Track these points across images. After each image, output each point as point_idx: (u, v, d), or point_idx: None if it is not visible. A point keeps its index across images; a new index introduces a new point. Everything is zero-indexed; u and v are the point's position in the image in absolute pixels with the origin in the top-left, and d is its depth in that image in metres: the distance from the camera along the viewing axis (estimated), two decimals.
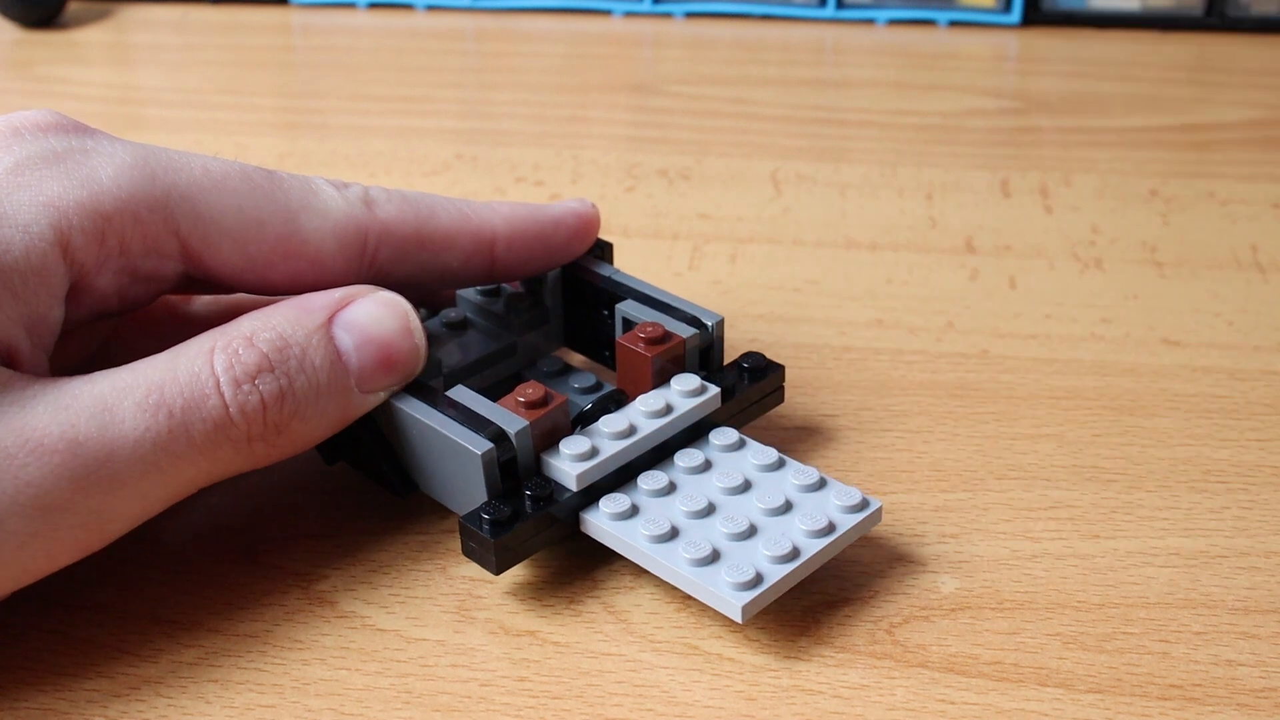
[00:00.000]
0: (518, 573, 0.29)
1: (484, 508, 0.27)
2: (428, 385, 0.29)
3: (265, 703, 0.26)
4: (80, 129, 0.28)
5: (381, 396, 0.28)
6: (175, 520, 0.31)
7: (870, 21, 0.65)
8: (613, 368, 0.32)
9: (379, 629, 0.28)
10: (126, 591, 0.29)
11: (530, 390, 0.28)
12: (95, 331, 0.30)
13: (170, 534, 0.30)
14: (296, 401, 0.27)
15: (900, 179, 0.48)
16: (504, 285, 0.34)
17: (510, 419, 0.28)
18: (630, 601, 0.28)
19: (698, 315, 0.31)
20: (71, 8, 0.69)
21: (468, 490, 0.28)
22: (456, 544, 0.30)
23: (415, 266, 0.30)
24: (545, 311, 0.34)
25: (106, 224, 0.26)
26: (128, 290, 0.28)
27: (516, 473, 0.28)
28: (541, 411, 0.28)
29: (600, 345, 0.34)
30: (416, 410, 0.28)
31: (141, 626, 0.28)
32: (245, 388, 0.26)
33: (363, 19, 0.68)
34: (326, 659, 0.27)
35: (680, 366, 0.30)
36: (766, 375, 0.31)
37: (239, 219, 0.28)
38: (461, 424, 0.28)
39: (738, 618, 0.26)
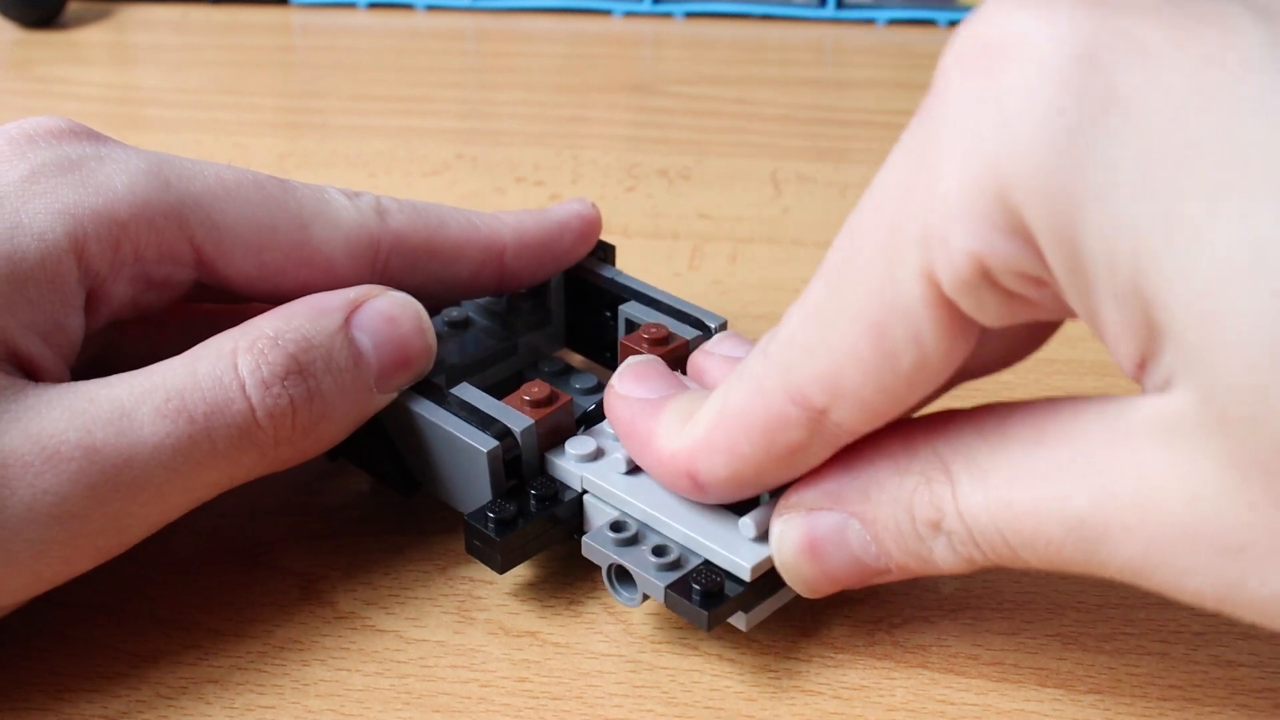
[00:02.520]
0: (518, 573, 0.29)
1: (489, 506, 0.27)
2: (432, 383, 0.29)
3: (265, 703, 0.26)
4: (93, 136, 0.28)
5: (393, 395, 0.28)
6: (175, 520, 0.30)
7: (870, 21, 0.65)
8: (614, 369, 0.32)
9: (379, 629, 0.28)
10: (126, 592, 0.29)
11: (536, 389, 0.28)
12: (101, 334, 0.30)
13: (170, 535, 0.30)
14: (325, 403, 0.27)
15: None
16: None
17: (516, 417, 0.28)
18: None
19: (700, 317, 0.31)
20: (71, 8, 0.69)
21: (472, 488, 0.28)
22: (456, 544, 0.30)
23: (425, 276, 0.31)
24: (548, 312, 0.34)
25: (121, 231, 0.27)
26: (141, 297, 0.28)
27: (521, 471, 0.28)
28: (547, 410, 0.28)
29: (602, 346, 0.34)
30: (422, 408, 0.28)
31: (141, 627, 0.28)
32: (274, 390, 0.26)
33: (363, 19, 0.68)
34: (326, 659, 0.27)
35: (682, 368, 0.30)
36: None
37: (252, 226, 0.28)
38: (467, 421, 0.28)
39: (742, 626, 0.26)
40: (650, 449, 0.26)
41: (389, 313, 0.28)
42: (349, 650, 0.27)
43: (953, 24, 0.65)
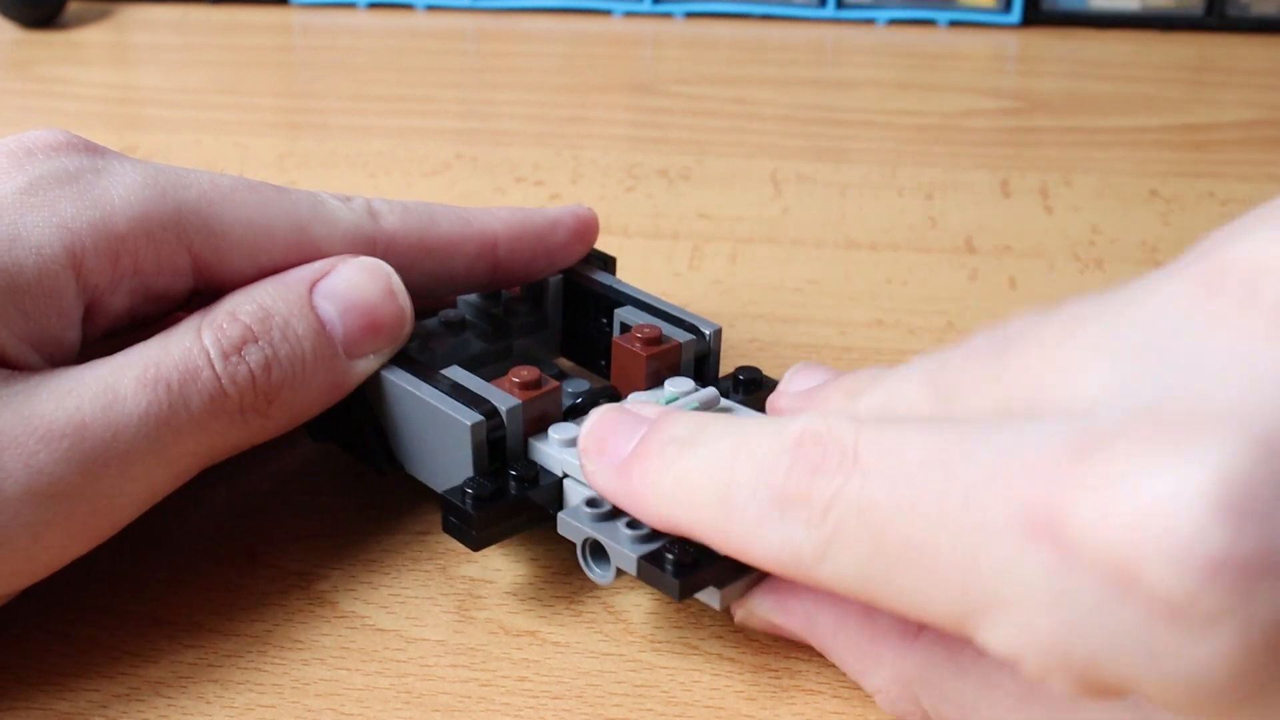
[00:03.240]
0: (518, 572, 0.29)
1: (467, 483, 0.27)
2: (421, 362, 0.29)
3: (265, 703, 0.26)
4: (92, 148, 0.28)
5: (372, 363, 0.29)
6: (175, 520, 0.31)
7: (870, 21, 0.65)
8: (609, 377, 0.32)
9: (379, 629, 0.28)
10: (126, 592, 0.29)
11: (525, 372, 0.28)
12: (98, 343, 0.30)
13: (170, 534, 0.30)
14: (283, 370, 0.27)
15: (900, 179, 0.48)
16: (503, 290, 0.34)
17: (503, 397, 0.28)
18: (630, 601, 0.28)
19: (696, 324, 0.31)
20: (71, 8, 0.69)
21: (454, 466, 0.28)
22: (457, 544, 0.30)
23: (421, 275, 0.31)
24: (544, 317, 0.34)
25: (120, 244, 0.27)
26: (140, 309, 0.28)
27: (504, 455, 0.28)
28: (535, 393, 0.28)
29: (597, 354, 0.34)
30: (409, 384, 0.28)
31: (141, 627, 0.28)
32: (233, 359, 0.27)
33: (363, 19, 0.68)
34: (326, 659, 0.27)
35: (675, 371, 0.30)
36: (761, 389, 0.31)
37: (249, 230, 0.28)
38: (453, 398, 0.28)
39: (715, 604, 0.26)
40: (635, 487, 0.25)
41: (354, 279, 0.28)
42: (349, 650, 0.27)
43: (953, 24, 0.65)
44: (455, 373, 0.29)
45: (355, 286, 0.28)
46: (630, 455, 0.25)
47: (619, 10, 0.67)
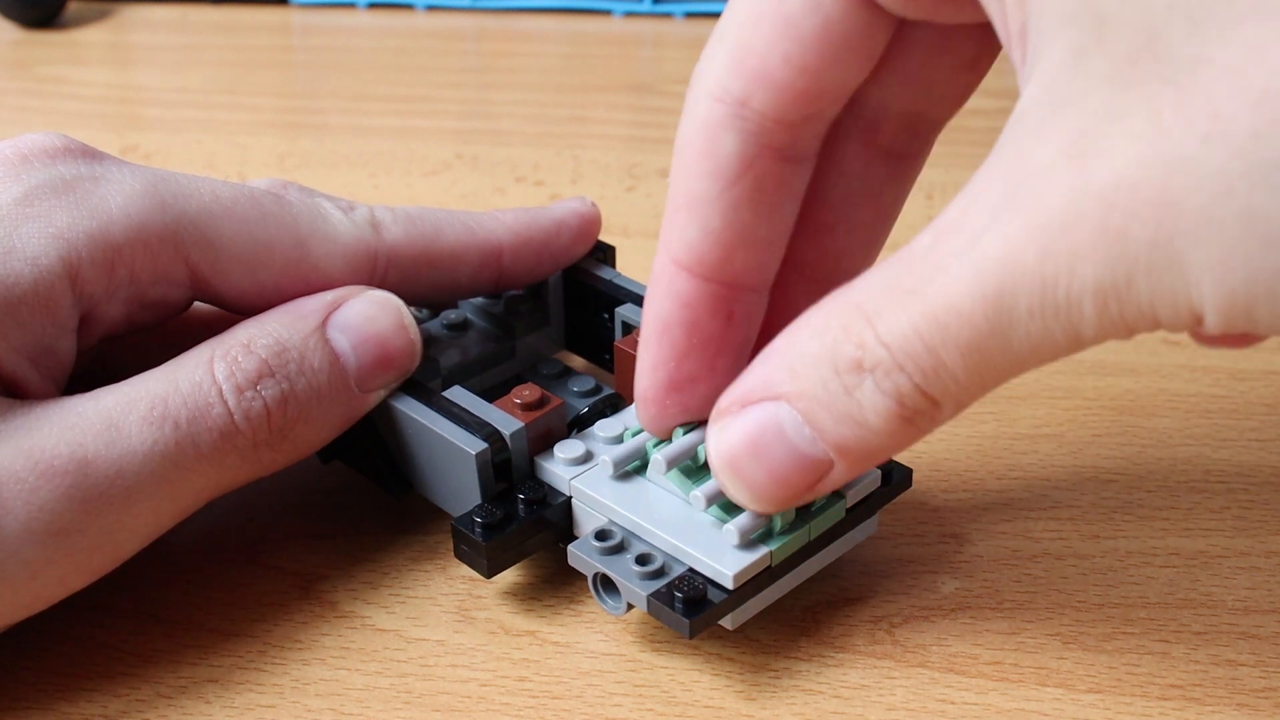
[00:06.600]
0: (517, 573, 0.29)
1: (476, 511, 0.27)
2: (425, 385, 0.29)
3: (265, 703, 0.26)
4: (89, 154, 0.28)
5: (381, 395, 0.28)
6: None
7: None
8: (613, 371, 0.32)
9: (379, 629, 0.28)
10: (126, 591, 0.29)
11: (527, 392, 0.28)
12: (94, 348, 0.30)
13: (170, 534, 0.30)
14: (299, 404, 0.27)
15: None
16: None
17: (506, 420, 0.28)
18: None
19: None
20: (71, 8, 0.69)
21: (462, 491, 0.28)
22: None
23: (424, 286, 0.31)
24: (546, 313, 0.34)
25: (116, 254, 0.26)
26: (136, 317, 0.28)
27: (510, 475, 0.28)
28: (538, 414, 0.28)
29: (600, 348, 0.34)
30: (412, 410, 0.28)
31: (141, 626, 0.28)
32: (248, 394, 0.26)
33: (363, 19, 0.68)
34: (326, 659, 0.27)
35: None
36: None
37: (249, 245, 0.28)
38: (457, 424, 0.28)
39: (729, 625, 0.26)
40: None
41: (367, 312, 0.28)
42: (349, 650, 0.27)
43: None
44: (458, 394, 0.29)
45: (368, 319, 0.28)
46: None
47: (619, 10, 0.67)
